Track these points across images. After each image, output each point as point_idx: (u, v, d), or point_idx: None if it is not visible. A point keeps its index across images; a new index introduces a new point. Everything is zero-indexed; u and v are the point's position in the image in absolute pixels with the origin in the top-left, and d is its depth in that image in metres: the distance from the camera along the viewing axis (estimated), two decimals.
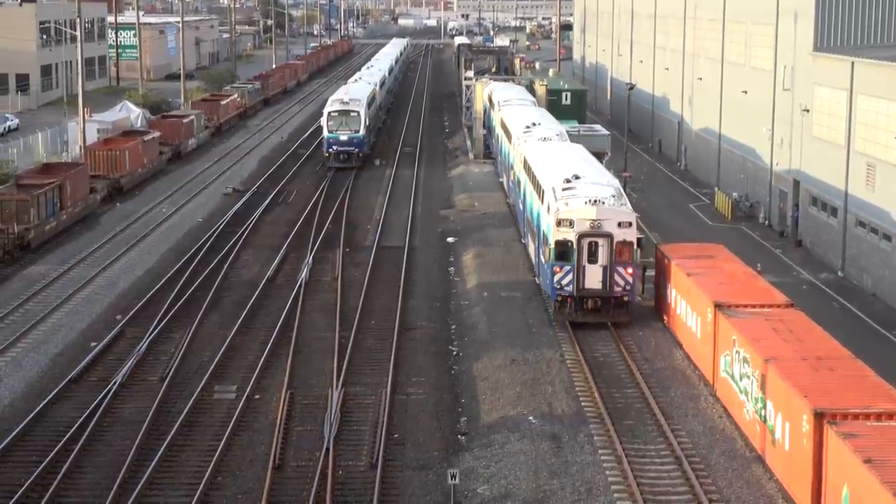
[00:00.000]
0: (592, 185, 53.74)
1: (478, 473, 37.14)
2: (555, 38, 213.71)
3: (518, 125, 75.16)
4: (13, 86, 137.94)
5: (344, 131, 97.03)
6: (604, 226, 50.75)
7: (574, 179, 54.40)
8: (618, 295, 51.01)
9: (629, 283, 51.01)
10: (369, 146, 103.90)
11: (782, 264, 64.26)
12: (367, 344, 50.24)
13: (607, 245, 50.69)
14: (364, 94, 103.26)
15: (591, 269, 50.95)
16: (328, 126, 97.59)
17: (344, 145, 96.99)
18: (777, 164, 74.43)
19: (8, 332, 51.17)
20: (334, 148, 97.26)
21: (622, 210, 51.44)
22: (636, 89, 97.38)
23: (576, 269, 50.85)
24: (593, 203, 51.25)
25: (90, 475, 36.91)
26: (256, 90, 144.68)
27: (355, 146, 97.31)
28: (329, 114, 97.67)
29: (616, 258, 50.60)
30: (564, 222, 51.02)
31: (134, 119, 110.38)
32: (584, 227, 50.72)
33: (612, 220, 50.87)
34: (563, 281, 51.03)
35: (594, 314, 51.31)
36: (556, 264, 51.08)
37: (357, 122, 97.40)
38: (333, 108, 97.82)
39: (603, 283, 50.88)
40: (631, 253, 50.93)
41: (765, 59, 77.66)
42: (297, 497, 35.47)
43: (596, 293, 51.05)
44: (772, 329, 40.66)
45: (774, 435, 36.18)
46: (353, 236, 71.60)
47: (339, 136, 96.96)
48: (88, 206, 76.07)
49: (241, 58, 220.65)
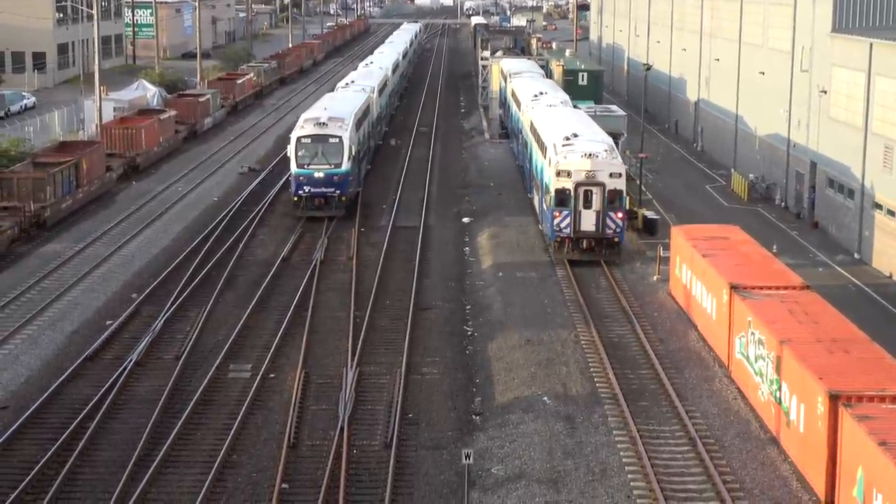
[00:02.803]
0: (588, 142, 60.88)
1: (492, 453, 37.18)
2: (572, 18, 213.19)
3: (527, 94, 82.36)
4: (30, 64, 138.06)
5: (319, 165, 68.36)
6: (597, 176, 57.97)
7: (573, 137, 61.63)
8: (609, 236, 58.39)
9: (619, 225, 58.36)
10: (358, 184, 75.31)
11: (798, 246, 64.09)
12: (382, 324, 50.27)
13: (600, 193, 57.93)
14: (351, 108, 75.35)
15: (586, 213, 58.22)
16: (297, 157, 68.59)
17: (319, 185, 68.54)
18: (794, 146, 74.18)
19: (24, 309, 51.31)
20: (306, 190, 68.52)
21: (613, 163, 58.63)
22: (653, 70, 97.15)
23: (573, 214, 58.17)
24: (588, 157, 58.54)
25: (106, 453, 37.03)
26: (272, 69, 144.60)
27: (336, 187, 68.67)
28: (299, 140, 68.86)
29: (608, 204, 57.82)
30: (563, 173, 58.21)
31: (150, 98, 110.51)
32: (580, 177, 57.96)
33: (605, 171, 58.07)
34: (561, 224, 58.39)
35: (589, 253, 58.63)
36: (556, 209, 58.37)
37: (338, 153, 68.57)
38: (305, 131, 69.26)
39: (596, 225, 58.20)
40: (621, 200, 58.34)
41: (783, 39, 77.32)
42: (311, 476, 35.55)
43: (590, 234, 58.41)
44: (787, 311, 40.57)
45: (789, 417, 36.13)
46: (369, 216, 71.58)
47: (311, 174, 68.29)
48: (104, 184, 76.16)
49: (257, 37, 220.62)
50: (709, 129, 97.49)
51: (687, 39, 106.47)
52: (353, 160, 70.28)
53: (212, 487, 34.51)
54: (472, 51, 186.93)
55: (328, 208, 68.77)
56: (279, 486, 34.48)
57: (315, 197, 68.50)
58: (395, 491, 34.57)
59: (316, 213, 68.59)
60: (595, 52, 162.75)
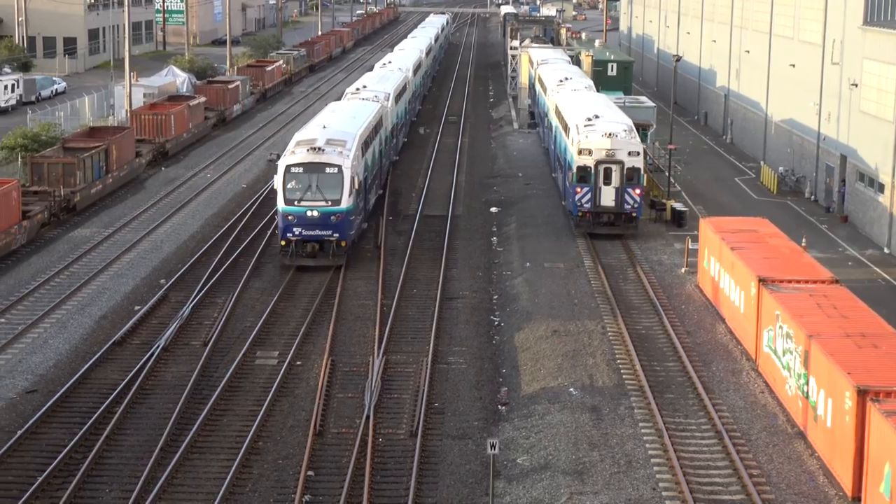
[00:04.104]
0: (609, 123, 63.71)
1: (517, 444, 37.18)
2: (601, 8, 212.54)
3: (552, 79, 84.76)
4: (61, 49, 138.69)
5: (313, 202, 55.26)
6: (617, 154, 60.94)
7: (594, 118, 64.42)
8: (627, 211, 61.48)
9: (637, 201, 61.35)
10: (361, 225, 61.14)
11: (828, 240, 63.79)
12: (409, 312, 50.29)
13: (619, 170, 61.00)
14: (357, 126, 62.44)
15: (606, 189, 61.23)
16: (285, 191, 55.52)
17: (313, 227, 55.35)
18: (824, 139, 73.82)
19: (53, 294, 51.58)
20: (295, 233, 55.38)
21: (632, 142, 61.63)
22: (683, 61, 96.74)
23: (594, 190, 61.21)
24: (609, 136, 61.39)
25: (133, 437, 37.21)
26: (302, 57, 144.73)
27: (333, 230, 55.53)
28: (288, 170, 55.74)
29: (626, 181, 60.93)
30: (585, 151, 61.18)
31: (180, 84, 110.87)
32: (600, 155, 60.95)
33: (624, 150, 61.01)
34: (583, 199, 61.36)
35: (608, 227, 61.85)
36: (578, 185, 61.37)
37: (337, 186, 55.44)
38: (296, 157, 56.04)
39: (615, 201, 61.25)
40: (638, 177, 61.25)
41: (814, 32, 76.88)
42: (337, 463, 35.64)
43: (610, 209, 61.47)
44: (816, 305, 40.41)
45: (816, 411, 36.00)
46: (397, 204, 71.61)
47: (303, 212, 55.13)
48: (134, 169, 76.42)
49: (286, 24, 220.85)
50: (738, 121, 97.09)
51: (717, 30, 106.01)
52: (357, 194, 57.22)
53: (237, 474, 34.63)
54: (501, 40, 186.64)
55: (323, 256, 55.72)
56: (305, 474, 34.55)
57: (307, 241, 55.54)
58: (420, 480, 34.62)
59: (308, 263, 55.65)
60: (625, 43, 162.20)
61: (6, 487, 33.75)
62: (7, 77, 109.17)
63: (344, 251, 56.08)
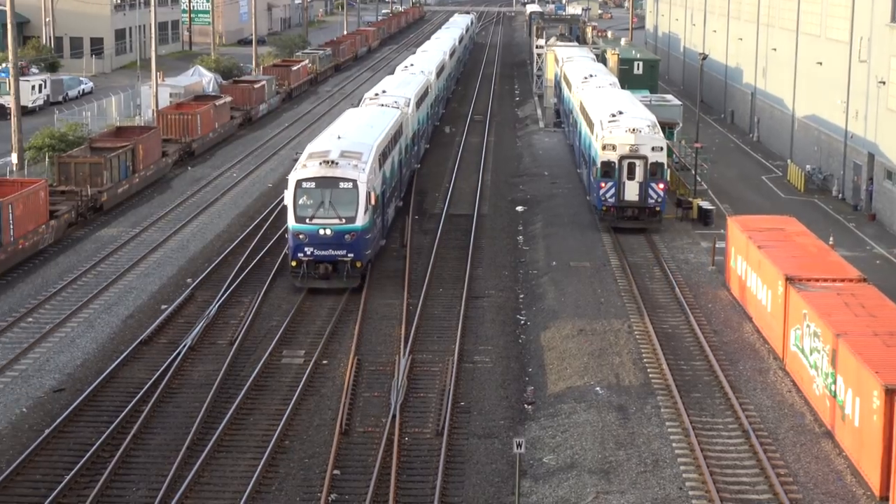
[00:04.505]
0: (633, 118, 64.61)
1: (543, 443, 37.14)
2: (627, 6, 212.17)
3: (577, 77, 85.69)
4: (88, 49, 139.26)
5: (326, 220, 51.55)
6: (640, 150, 61.81)
7: (618, 114, 65.29)
8: (651, 205, 62.27)
9: (660, 195, 62.12)
10: (378, 242, 56.80)
11: (855, 238, 63.50)
12: (435, 311, 50.28)
13: (643, 165, 61.82)
14: (375, 137, 58.84)
15: (630, 184, 62.16)
16: (296, 208, 51.83)
17: (326, 246, 51.62)
18: (851, 137, 73.48)
19: (80, 293, 51.79)
20: (307, 252, 51.69)
21: (655, 137, 62.40)
22: (709, 59, 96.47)
23: (617, 184, 62.17)
24: (632, 132, 62.41)
25: (159, 436, 37.31)
26: (327, 56, 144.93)
27: (348, 249, 51.66)
28: (299, 184, 51.99)
29: (649, 176, 61.75)
30: (609, 146, 62.15)
31: (206, 84, 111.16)
32: (624, 150, 61.94)
33: (647, 145, 61.84)
34: (607, 194, 62.34)
35: (632, 221, 62.72)
36: (602, 180, 62.40)
37: (352, 202, 51.68)
38: (308, 171, 52.23)
39: (639, 195, 62.16)
40: (662, 172, 62.11)
41: (841, 29, 76.54)
42: (363, 462, 35.65)
43: (633, 204, 62.37)
44: (843, 303, 40.22)
45: (844, 410, 35.83)
46: (422, 203, 71.62)
47: (315, 230, 51.46)
48: (160, 169, 76.65)
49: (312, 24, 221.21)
50: (765, 120, 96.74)
51: (743, 29, 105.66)
52: (374, 210, 53.17)
53: (264, 472, 34.69)
54: (526, 39, 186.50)
55: (337, 278, 51.89)
56: (331, 473, 34.59)
57: (320, 262, 51.72)
58: (446, 479, 34.60)
59: (320, 285, 51.97)
60: (651, 41, 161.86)
61: (35, 486, 33.90)
62: (34, 77, 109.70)
63: (359, 272, 52.05)
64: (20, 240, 55.08)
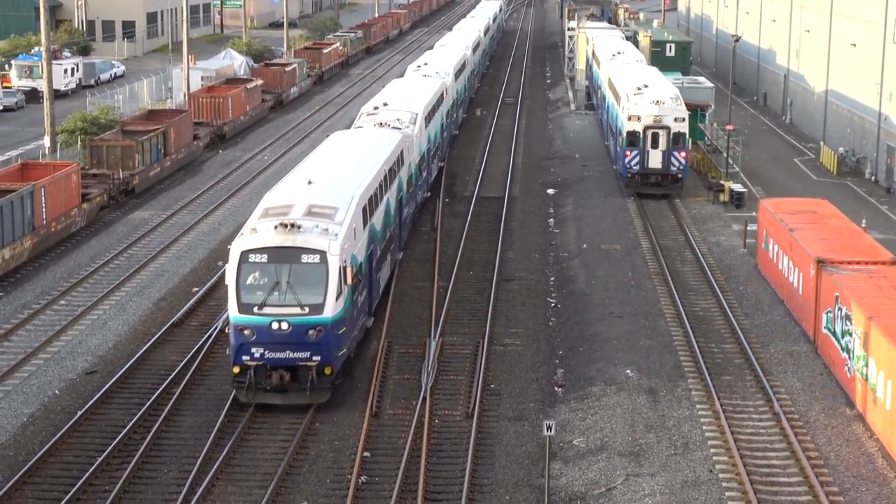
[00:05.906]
0: (657, 91, 68.57)
1: (573, 425, 37.12)
2: None
3: (606, 54, 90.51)
4: (119, 33, 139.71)
5: (282, 309, 36.94)
6: (663, 120, 65.67)
7: (643, 87, 69.36)
8: (673, 172, 66.28)
9: (682, 164, 66.18)
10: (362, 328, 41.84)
11: (888, 220, 63.11)
12: (465, 294, 50.26)
13: (666, 135, 65.78)
14: (361, 179, 43.90)
15: (654, 153, 66.13)
16: (240, 292, 37.06)
17: (281, 347, 36.96)
18: (885, 119, 72.98)
19: (113, 276, 52.04)
20: (255, 355, 36.93)
21: (678, 108, 66.35)
22: (742, 41, 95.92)
23: (642, 153, 66.22)
24: (656, 103, 66.40)
25: (190, 418, 37.45)
26: (359, 39, 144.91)
27: (313, 350, 37.04)
28: (244, 256, 37.30)
29: (672, 145, 65.68)
30: (634, 117, 66.06)
31: (237, 67, 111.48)
32: (648, 121, 65.78)
33: (670, 116, 65.77)
34: (631, 162, 66.43)
35: (655, 187, 66.85)
36: (627, 149, 66.43)
37: (319, 283, 37.07)
38: (258, 238, 37.59)
39: (662, 163, 66.25)
40: (684, 141, 66.01)
41: (875, 10, 75.98)
42: (393, 444, 35.72)
43: (657, 171, 66.53)
44: (876, 286, 40.00)
45: (876, 393, 35.66)
46: (453, 185, 71.58)
47: (266, 324, 36.78)
48: (192, 152, 76.88)
49: (343, 6, 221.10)
50: (798, 102, 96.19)
51: (777, 10, 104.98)
52: (353, 290, 38.72)
53: (295, 454, 34.80)
54: (558, 22, 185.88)
55: (297, 390, 37.42)
56: (361, 454, 34.67)
57: (274, 367, 37.22)
58: (476, 461, 34.63)
59: (273, 401, 37.61)
60: (683, 23, 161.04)
61: (67, 467, 34.11)
62: (67, 61, 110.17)
63: (328, 379, 37.45)
64: (52, 223, 55.37)
